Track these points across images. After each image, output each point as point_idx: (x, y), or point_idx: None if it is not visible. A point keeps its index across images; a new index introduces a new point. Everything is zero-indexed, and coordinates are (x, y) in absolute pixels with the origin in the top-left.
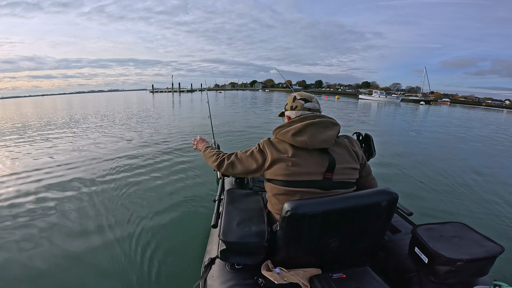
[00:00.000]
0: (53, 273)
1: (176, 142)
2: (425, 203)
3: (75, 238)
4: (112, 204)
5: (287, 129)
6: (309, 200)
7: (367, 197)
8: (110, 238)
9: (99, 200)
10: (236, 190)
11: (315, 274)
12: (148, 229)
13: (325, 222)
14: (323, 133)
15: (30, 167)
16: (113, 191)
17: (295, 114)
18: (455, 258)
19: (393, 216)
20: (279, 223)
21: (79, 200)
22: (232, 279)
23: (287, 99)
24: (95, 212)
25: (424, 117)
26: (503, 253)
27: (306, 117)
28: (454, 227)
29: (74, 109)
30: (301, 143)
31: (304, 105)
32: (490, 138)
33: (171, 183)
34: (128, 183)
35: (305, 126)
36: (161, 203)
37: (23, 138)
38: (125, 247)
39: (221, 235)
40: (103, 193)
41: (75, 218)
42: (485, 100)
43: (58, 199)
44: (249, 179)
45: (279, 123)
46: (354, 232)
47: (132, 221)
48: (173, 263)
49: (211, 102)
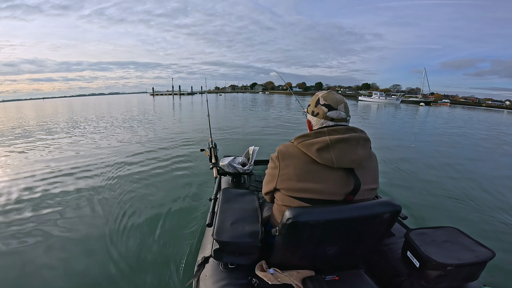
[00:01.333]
0: (53, 275)
1: (175, 142)
2: (420, 207)
3: (69, 236)
4: (107, 202)
5: (312, 141)
6: (312, 209)
7: (370, 208)
8: (104, 235)
9: (97, 199)
10: (231, 190)
11: (309, 276)
12: (143, 226)
13: (325, 231)
14: (353, 152)
15: (29, 168)
16: (109, 190)
17: (316, 122)
18: (446, 263)
19: (393, 226)
20: (278, 229)
21: (77, 199)
22: (225, 278)
23: (311, 98)
24: (90, 209)
25: (424, 119)
26: (494, 258)
27: (337, 130)
28: (446, 232)
29: (81, 112)
30: (327, 161)
31: (326, 114)
32: (492, 139)
33: (168, 181)
34: (124, 181)
35: (334, 142)
36: (157, 200)
37: (31, 141)
38: (119, 244)
39: (215, 234)
40: (100, 192)
41: (69, 215)
42: (485, 101)
43: (59, 200)
44: (245, 178)
45: (279, 123)
46: (353, 241)
47: (127, 218)
48: (167, 261)
49: (211, 103)
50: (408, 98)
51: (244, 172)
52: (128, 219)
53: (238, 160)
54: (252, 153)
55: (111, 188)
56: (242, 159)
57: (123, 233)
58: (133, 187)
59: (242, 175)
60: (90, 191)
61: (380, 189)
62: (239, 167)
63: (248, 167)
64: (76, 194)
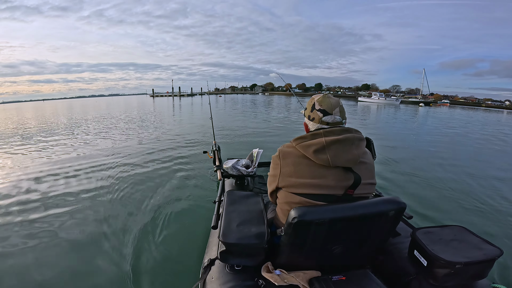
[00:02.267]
0: (53, 278)
1: (178, 144)
2: (425, 206)
3: (71, 238)
4: (110, 204)
5: (309, 143)
6: (317, 208)
7: (375, 206)
8: (109, 237)
9: (99, 201)
10: (236, 192)
11: (315, 276)
12: (147, 229)
13: (331, 230)
14: (348, 152)
15: (30, 169)
16: (111, 192)
17: (312, 126)
18: (454, 261)
19: (398, 224)
20: (284, 228)
21: (76, 202)
22: (231, 280)
23: (308, 101)
24: (94, 212)
25: (424, 119)
26: (502, 256)
27: (332, 131)
28: (453, 231)
29: (83, 113)
30: (323, 161)
31: (322, 119)
32: (494, 139)
33: (172, 184)
34: (127, 184)
35: (330, 143)
36: (161, 203)
37: (29, 144)
38: (124, 247)
39: (221, 236)
40: (103, 194)
41: (74, 219)
42: (485, 101)
43: (60, 202)
44: (249, 180)
45: (281, 124)
46: (358, 239)
47: (132, 221)
48: (172, 264)
49: (212, 105)
50: (407, 99)
51: (248, 174)
52: (131, 221)
53: (241, 163)
54: (256, 156)
55: (113, 190)
56: (245, 162)
57: (126, 235)
58: (135, 189)
59: (246, 178)
60: (93, 193)
61: (384, 188)
62: (243, 170)
63: (252, 169)
64: (79, 196)
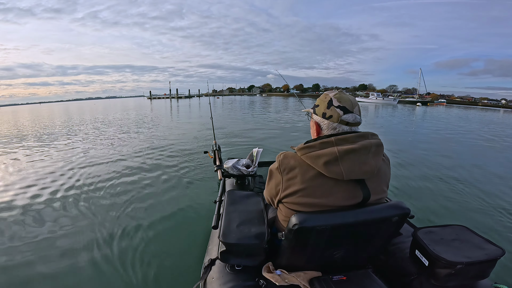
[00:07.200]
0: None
1: (178, 144)
2: (426, 205)
3: (73, 240)
4: (110, 205)
5: (318, 153)
6: (318, 214)
7: (378, 211)
8: (107, 239)
9: (100, 203)
10: (236, 192)
11: (316, 276)
12: (148, 230)
13: (332, 236)
14: (366, 163)
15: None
16: (111, 193)
17: (327, 126)
18: (455, 261)
19: (401, 228)
20: (284, 233)
21: (77, 203)
22: (232, 280)
23: (318, 98)
24: (93, 214)
25: (422, 118)
26: (505, 256)
27: (345, 139)
28: (455, 230)
29: (81, 115)
30: (335, 174)
31: (341, 117)
32: (495, 139)
33: (172, 184)
34: (127, 185)
35: (344, 154)
36: (162, 203)
37: (27, 147)
38: (125, 247)
39: (221, 236)
40: (102, 196)
41: (73, 221)
42: (481, 100)
43: (62, 203)
44: (250, 180)
45: (279, 124)
46: (361, 243)
47: (132, 220)
48: (173, 264)
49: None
50: (405, 99)
51: (249, 174)
52: (131, 222)
53: (242, 162)
54: (256, 155)
55: (112, 191)
56: (246, 161)
57: (126, 236)
58: (136, 190)
59: (246, 177)
60: (93, 194)
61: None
62: (243, 169)
63: (252, 169)
64: (79, 197)
